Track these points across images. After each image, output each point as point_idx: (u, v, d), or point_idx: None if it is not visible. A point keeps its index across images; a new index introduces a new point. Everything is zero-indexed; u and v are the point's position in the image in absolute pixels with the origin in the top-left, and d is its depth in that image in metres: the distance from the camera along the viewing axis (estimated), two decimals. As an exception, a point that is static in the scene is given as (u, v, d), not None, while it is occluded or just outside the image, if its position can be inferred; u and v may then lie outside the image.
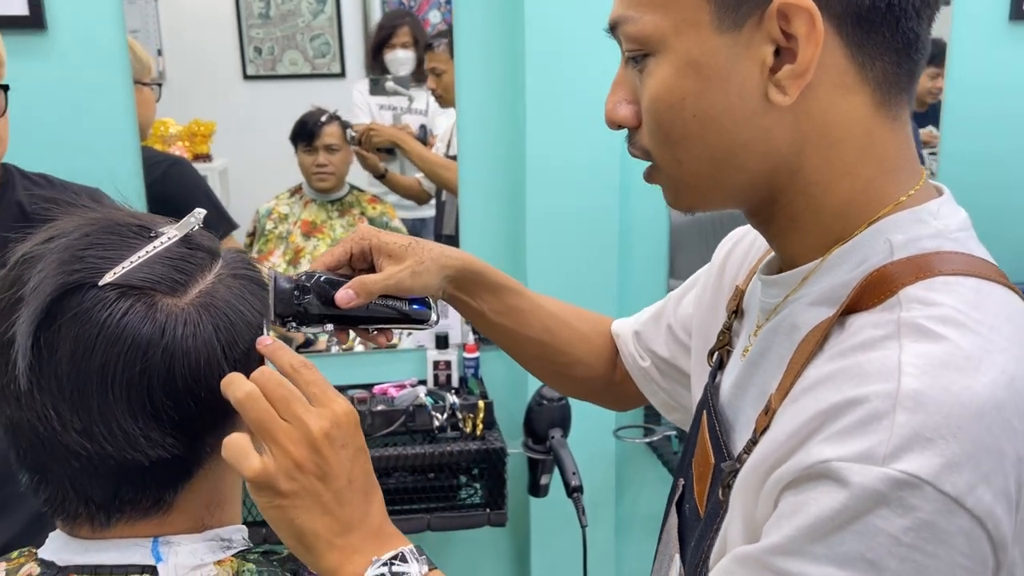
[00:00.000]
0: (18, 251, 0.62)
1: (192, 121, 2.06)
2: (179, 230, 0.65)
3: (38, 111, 1.80)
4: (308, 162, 2.13)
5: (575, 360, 0.97)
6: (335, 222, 2.23)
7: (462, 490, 1.82)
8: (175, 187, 2.04)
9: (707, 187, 0.62)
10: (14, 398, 0.59)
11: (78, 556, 0.63)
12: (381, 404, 1.88)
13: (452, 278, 0.86)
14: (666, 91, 0.59)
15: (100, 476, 0.60)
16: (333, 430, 0.60)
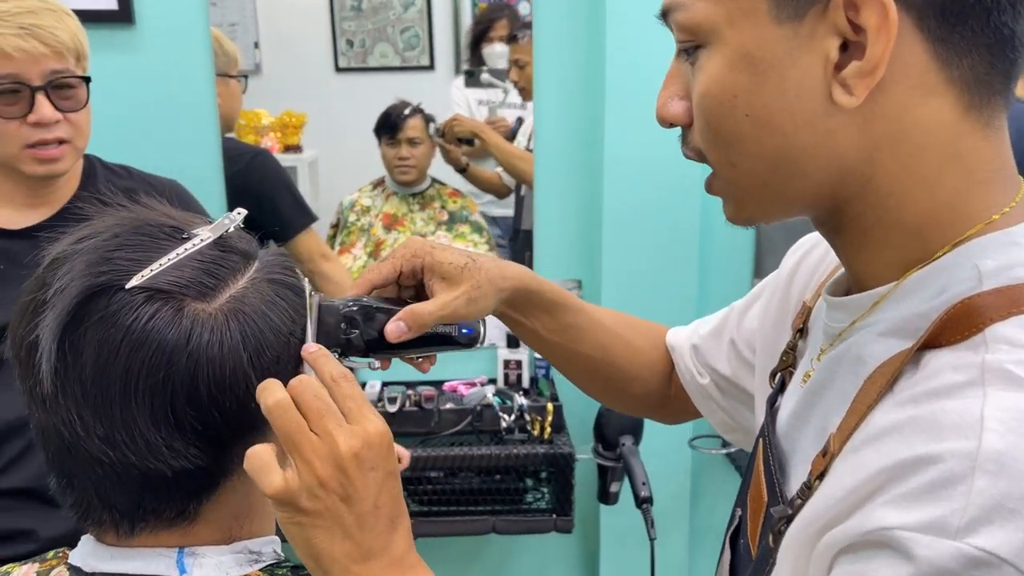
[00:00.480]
0: (52, 251, 0.61)
1: (284, 112, 2.10)
2: (213, 232, 0.63)
3: (124, 104, 1.85)
4: (391, 155, 2.13)
5: (631, 377, 0.91)
6: (416, 215, 2.23)
7: (528, 494, 1.79)
8: (257, 178, 2.07)
9: (765, 195, 0.56)
10: (40, 401, 0.58)
11: (104, 563, 0.62)
12: (450, 402, 1.85)
13: (508, 299, 0.81)
14: (717, 87, 0.53)
15: (123, 484, 0.59)
16: (363, 451, 0.56)
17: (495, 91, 2.08)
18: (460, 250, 0.77)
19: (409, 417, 1.79)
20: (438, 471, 1.74)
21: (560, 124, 1.95)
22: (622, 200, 1.87)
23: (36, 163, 1.30)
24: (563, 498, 1.75)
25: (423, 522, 1.75)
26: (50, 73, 1.27)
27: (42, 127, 1.28)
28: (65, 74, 1.29)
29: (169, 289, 0.58)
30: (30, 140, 1.28)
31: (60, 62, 1.28)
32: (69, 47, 1.28)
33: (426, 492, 1.76)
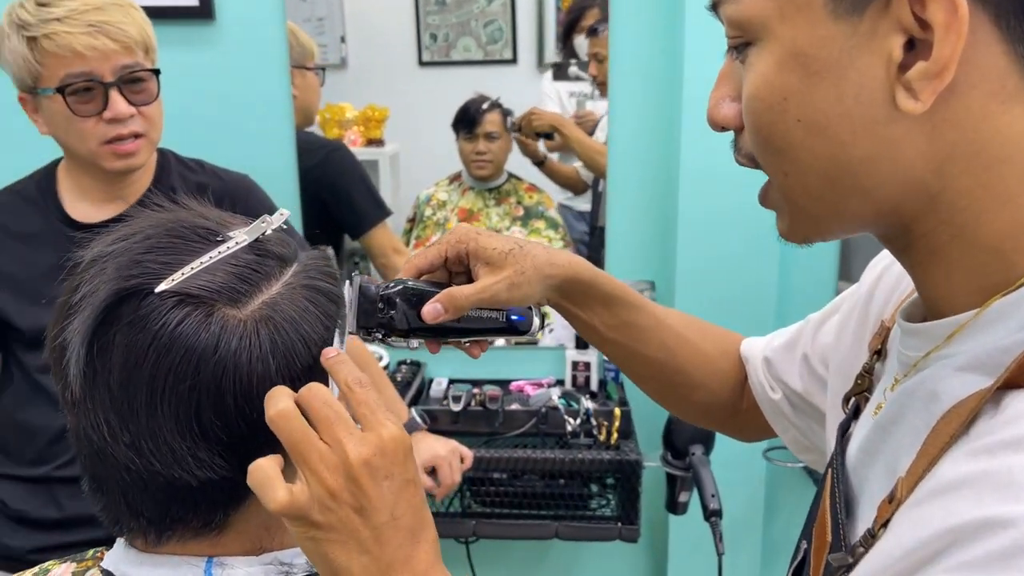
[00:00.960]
0: (88, 253, 0.60)
1: (367, 106, 2.11)
2: (248, 234, 0.61)
3: (203, 98, 1.88)
4: (468, 149, 2.12)
5: (696, 384, 0.86)
6: (491, 210, 2.21)
7: (593, 500, 1.74)
8: (334, 172, 2.09)
9: (822, 210, 0.50)
10: (71, 404, 0.57)
11: (133, 569, 0.61)
12: (516, 403, 1.82)
13: (558, 287, 0.77)
14: (766, 88, 0.48)
15: (150, 492, 0.57)
16: (375, 458, 0.53)
17: (585, 84, 2.04)
18: (508, 237, 0.75)
19: (473, 416, 1.77)
20: (501, 472, 1.71)
21: (635, 120, 1.89)
22: (698, 199, 1.80)
23: (114, 158, 1.32)
24: (629, 506, 1.70)
25: (485, 524, 1.73)
26: (121, 68, 1.28)
27: (117, 122, 1.30)
28: (135, 68, 1.30)
29: (199, 294, 0.56)
30: (107, 136, 1.30)
31: (130, 57, 1.29)
32: (137, 41, 1.30)
33: (488, 493, 1.73)
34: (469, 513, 1.75)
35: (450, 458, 1.57)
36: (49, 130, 1.34)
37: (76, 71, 1.26)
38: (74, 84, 1.26)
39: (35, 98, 1.31)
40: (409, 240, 2.20)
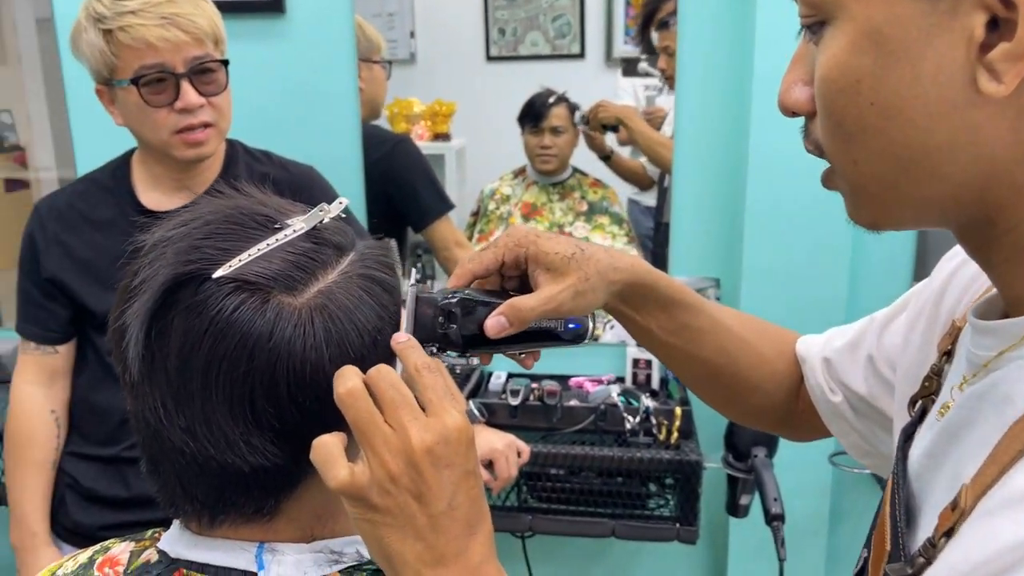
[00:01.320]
0: (150, 237, 0.61)
1: (435, 101, 2.12)
2: (306, 223, 0.61)
3: (273, 91, 1.91)
4: (533, 143, 2.12)
5: (752, 387, 0.83)
6: (555, 205, 2.20)
7: (651, 500, 1.72)
8: (399, 165, 2.10)
9: (893, 198, 0.48)
10: (130, 387, 0.58)
11: (188, 551, 0.62)
12: (574, 399, 1.81)
13: (619, 292, 0.74)
14: (838, 70, 0.46)
15: (204, 476, 0.58)
16: (438, 446, 0.52)
17: (657, 80, 2.01)
18: (567, 239, 0.71)
19: (531, 411, 1.76)
20: (559, 468, 1.69)
21: (702, 113, 1.85)
22: (766, 194, 1.75)
23: (185, 147, 1.35)
24: (688, 507, 1.67)
25: (541, 519, 1.72)
26: (192, 60, 1.31)
27: (188, 112, 1.33)
28: (205, 59, 1.33)
29: (256, 280, 0.56)
30: (178, 125, 1.33)
31: (200, 48, 1.32)
32: (208, 33, 1.32)
33: (545, 489, 1.72)
34: (525, 508, 1.75)
35: (507, 452, 1.57)
36: (124, 120, 1.38)
37: (149, 63, 1.29)
38: (147, 75, 1.29)
39: (111, 90, 1.35)
40: (472, 234, 2.20)
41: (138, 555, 0.65)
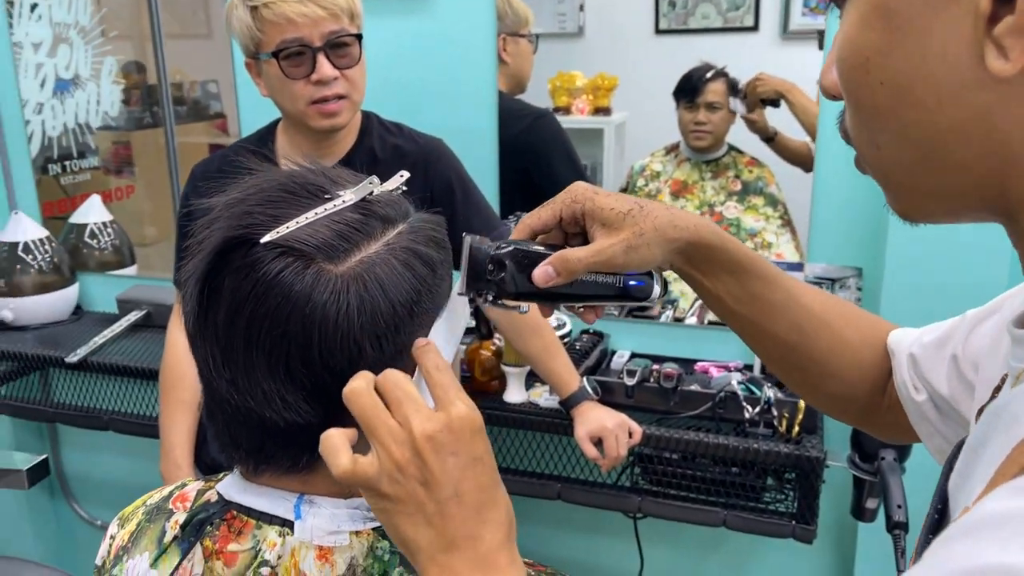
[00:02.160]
0: (216, 200, 0.65)
1: (597, 75, 2.11)
2: (355, 194, 0.63)
3: (414, 63, 1.97)
4: (687, 119, 2.06)
5: (830, 373, 0.78)
6: (707, 183, 2.14)
7: (768, 493, 1.65)
8: (538, 139, 2.11)
9: (916, 186, 0.44)
10: (189, 338, 0.63)
11: (238, 495, 0.66)
12: (695, 383, 1.76)
13: (681, 251, 0.71)
14: (849, 47, 0.43)
15: (247, 427, 0.62)
16: (440, 434, 0.54)
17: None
18: (628, 196, 0.70)
19: (646, 393, 1.73)
20: (672, 453, 1.67)
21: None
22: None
23: (320, 117, 1.43)
24: (806, 505, 1.59)
25: (652, 502, 1.70)
26: (328, 34, 1.39)
27: (323, 84, 1.40)
28: (341, 34, 1.40)
29: (299, 247, 0.59)
30: (314, 97, 1.41)
31: (336, 23, 1.39)
32: (343, 8, 1.39)
33: (657, 472, 1.70)
34: (636, 489, 1.73)
35: (617, 431, 1.56)
36: (267, 92, 1.48)
37: (289, 37, 1.37)
38: (287, 49, 1.38)
39: (257, 63, 1.44)
40: None
41: (202, 494, 0.71)
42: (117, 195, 2.52)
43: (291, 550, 0.63)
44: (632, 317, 2.02)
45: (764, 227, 2.07)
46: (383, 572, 0.63)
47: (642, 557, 1.91)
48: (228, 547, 0.65)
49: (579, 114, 2.10)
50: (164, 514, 0.71)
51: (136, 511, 0.75)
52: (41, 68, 2.39)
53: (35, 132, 2.43)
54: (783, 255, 1.97)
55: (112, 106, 2.39)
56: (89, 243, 2.42)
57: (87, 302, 2.48)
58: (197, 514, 0.68)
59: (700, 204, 2.14)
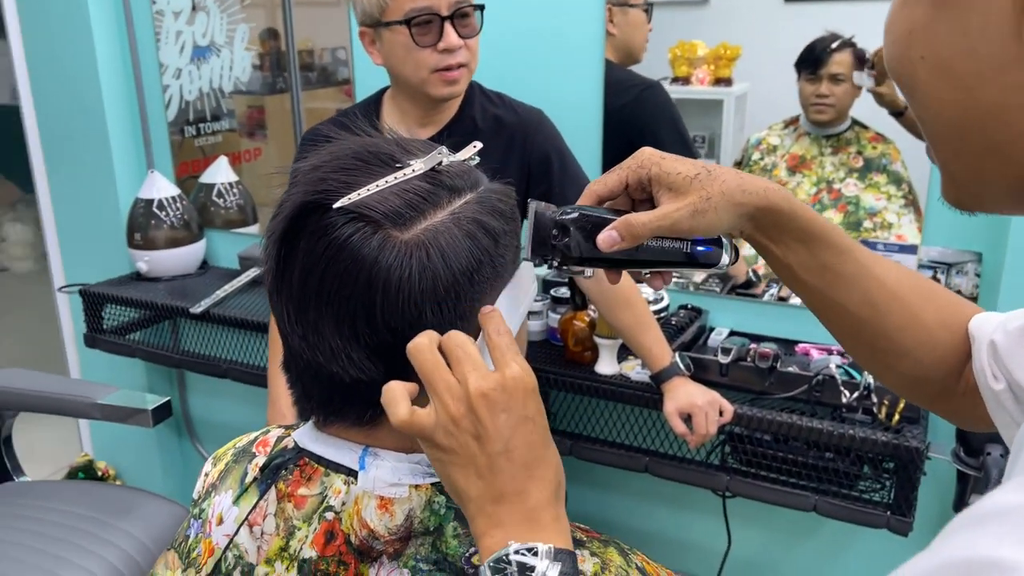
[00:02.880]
0: (301, 165, 0.69)
1: (719, 44, 2.07)
2: (425, 164, 0.66)
3: (520, 32, 1.98)
4: (808, 91, 1.98)
5: (902, 351, 0.75)
6: (826, 159, 2.07)
7: (863, 482, 1.60)
8: (645, 111, 2.09)
9: (962, 171, 0.43)
10: (269, 294, 0.68)
11: (310, 443, 0.71)
12: (794, 365, 1.72)
13: (751, 216, 0.70)
14: (895, 20, 0.43)
15: (317, 381, 0.66)
16: (493, 393, 0.57)
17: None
18: (696, 161, 0.69)
19: (741, 372, 1.71)
20: (764, 434, 1.64)
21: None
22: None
23: (442, 85, 1.48)
24: (903, 497, 1.54)
25: (741, 481, 1.68)
26: (454, 4, 1.43)
27: (448, 53, 1.45)
28: (465, 4, 1.44)
29: (369, 214, 0.62)
30: (439, 65, 1.46)
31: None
32: None
33: (746, 452, 1.68)
34: (725, 467, 1.72)
35: (707, 408, 1.55)
36: (383, 60, 1.52)
37: (420, 5, 1.42)
38: (418, 17, 1.42)
39: (375, 31, 1.49)
40: None
41: (281, 440, 0.76)
42: (246, 157, 2.66)
43: (354, 498, 0.67)
44: (734, 294, 1.98)
45: (885, 206, 1.98)
46: (438, 525, 0.67)
47: (730, 536, 1.89)
48: (299, 491, 0.69)
49: (699, 84, 2.06)
50: (248, 456, 0.77)
51: (227, 452, 0.81)
52: (180, 35, 2.53)
53: (173, 96, 2.59)
54: (905, 237, 1.88)
55: (244, 72, 2.51)
56: (216, 202, 2.57)
57: (212, 257, 2.64)
58: (274, 459, 0.73)
59: (818, 180, 2.06)
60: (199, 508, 0.77)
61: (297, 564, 0.68)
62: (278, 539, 0.69)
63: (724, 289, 2.00)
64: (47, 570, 1.66)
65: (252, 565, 0.70)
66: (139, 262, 2.47)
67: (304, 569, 0.67)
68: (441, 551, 0.66)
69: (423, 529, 0.66)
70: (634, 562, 0.69)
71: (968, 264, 1.69)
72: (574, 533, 0.69)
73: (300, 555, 0.68)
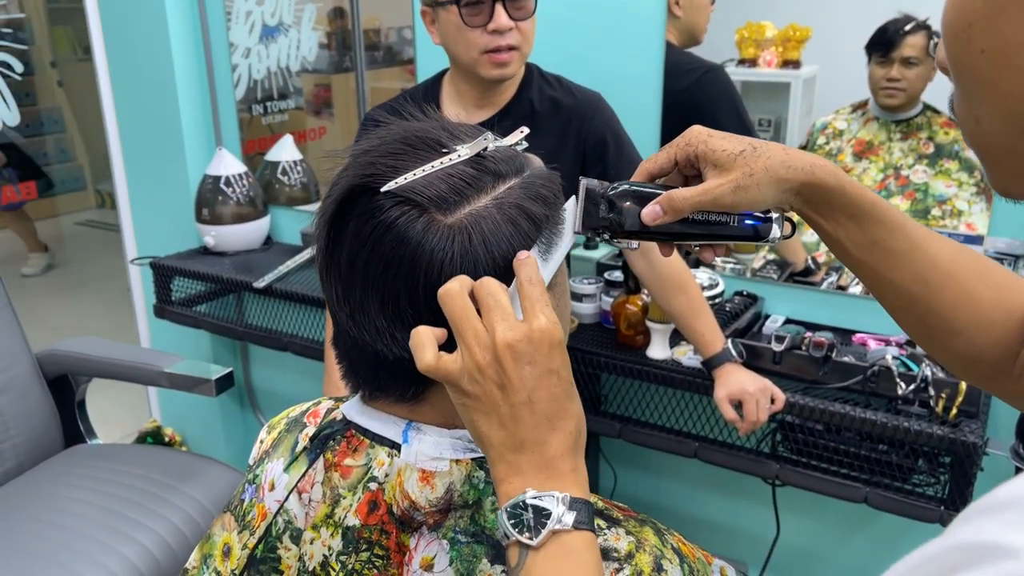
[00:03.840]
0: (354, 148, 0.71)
1: (789, 26, 2.04)
2: (470, 149, 0.67)
3: (581, 14, 1.97)
4: (879, 75, 1.93)
5: (955, 329, 0.74)
6: (894, 144, 2.02)
7: (917, 475, 1.58)
8: (705, 95, 2.07)
9: (1017, 165, 0.43)
10: (319, 273, 0.71)
11: (357, 416, 0.74)
12: (849, 354, 1.70)
13: (796, 191, 0.70)
14: (953, 14, 0.42)
15: (363, 358, 0.69)
16: (519, 344, 0.58)
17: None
18: (744, 138, 0.70)
19: (795, 360, 1.69)
20: (816, 423, 1.62)
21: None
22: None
23: (492, 66, 1.49)
24: (958, 492, 1.51)
25: (791, 471, 1.67)
26: None
27: (498, 34, 1.45)
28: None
29: (415, 198, 0.64)
30: (489, 46, 1.46)
31: None
32: None
33: (798, 441, 1.66)
34: (776, 456, 1.71)
35: (758, 396, 1.54)
36: (440, 40, 1.54)
37: None
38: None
39: (434, 10, 1.51)
40: None
41: (330, 412, 0.79)
42: (311, 135, 2.72)
43: (397, 470, 0.69)
44: (792, 282, 1.96)
45: (956, 194, 1.93)
46: (478, 499, 0.69)
47: (779, 524, 1.88)
48: (345, 461, 0.72)
49: (766, 67, 2.03)
50: (299, 426, 0.80)
51: (280, 421, 0.85)
52: (250, 15, 2.59)
53: (242, 75, 2.66)
54: (975, 225, 1.83)
55: (310, 51, 2.56)
56: (280, 179, 2.63)
57: (276, 233, 2.71)
58: (324, 429, 0.77)
59: (885, 166, 2.02)
60: (253, 474, 0.81)
61: (341, 531, 0.71)
62: (324, 506, 0.72)
63: (782, 276, 1.98)
64: (115, 529, 1.74)
65: (300, 530, 0.74)
66: (206, 236, 2.56)
67: (348, 536, 0.70)
68: (479, 524, 0.68)
69: (463, 502, 0.68)
70: (669, 542, 0.70)
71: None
72: (611, 512, 0.70)
73: (344, 522, 0.71)
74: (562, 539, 0.57)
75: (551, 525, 0.57)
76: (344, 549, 0.70)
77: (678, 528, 0.74)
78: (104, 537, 1.72)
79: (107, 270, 4.60)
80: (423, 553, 0.67)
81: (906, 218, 0.73)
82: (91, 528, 1.74)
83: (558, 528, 0.57)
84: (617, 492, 2.25)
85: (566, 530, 0.57)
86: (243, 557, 0.77)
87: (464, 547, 0.66)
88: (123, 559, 1.68)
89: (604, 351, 1.84)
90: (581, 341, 1.88)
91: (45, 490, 1.89)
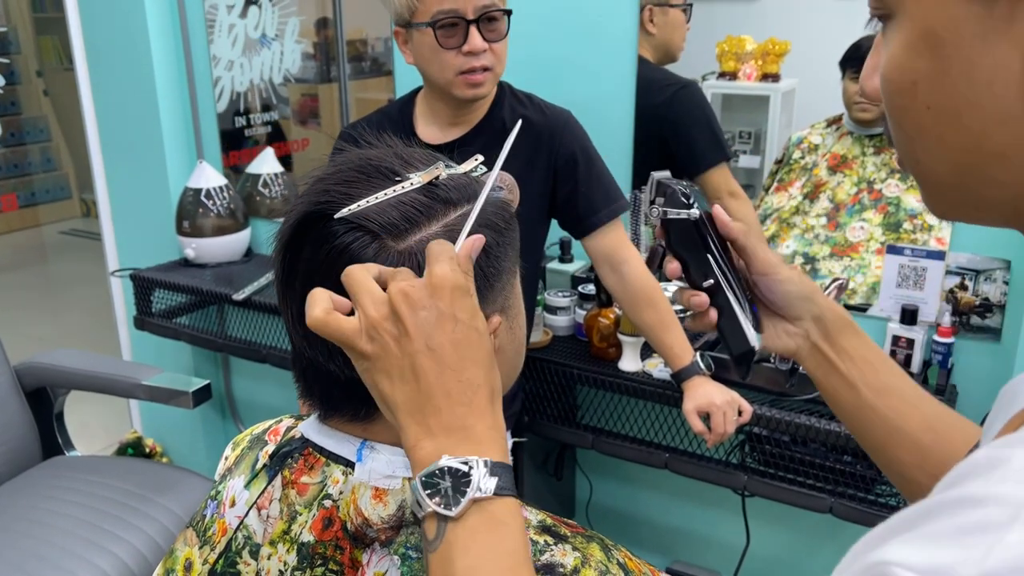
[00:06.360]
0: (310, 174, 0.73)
1: (768, 40, 2.07)
2: (422, 177, 0.70)
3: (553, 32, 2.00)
4: (852, 90, 1.97)
5: (908, 479, 0.78)
6: (868, 159, 2.06)
7: (880, 486, 1.61)
8: (679, 111, 2.10)
9: (956, 199, 0.46)
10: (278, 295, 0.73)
11: (314, 435, 0.76)
12: (816, 368, 1.73)
13: (820, 318, 0.74)
14: (896, 70, 0.45)
15: (318, 377, 0.71)
16: (413, 290, 0.56)
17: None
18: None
19: (762, 373, 1.72)
20: (783, 435, 1.65)
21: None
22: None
23: (466, 87, 1.51)
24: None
25: (758, 481, 1.70)
26: (481, 8, 1.46)
27: (472, 55, 1.48)
28: (492, 8, 1.47)
29: (368, 225, 0.66)
30: (463, 67, 1.49)
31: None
32: None
33: (764, 452, 1.69)
34: (744, 467, 1.73)
35: (725, 408, 1.57)
36: (414, 60, 1.57)
37: (446, 8, 1.46)
38: (443, 20, 1.46)
39: (407, 31, 1.54)
40: (772, 182, 2.13)
41: (290, 431, 0.81)
42: (294, 147, 2.74)
43: (352, 488, 0.72)
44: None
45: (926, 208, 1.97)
46: (429, 515, 0.71)
47: (748, 534, 1.91)
48: (301, 479, 0.75)
49: (746, 80, 2.06)
50: (261, 444, 0.82)
51: (244, 438, 0.87)
52: (233, 28, 2.61)
53: (225, 88, 2.68)
54: (944, 240, 1.87)
55: (294, 64, 2.58)
56: (261, 191, 2.65)
57: (257, 246, 2.73)
58: (283, 447, 0.79)
59: (859, 180, 2.05)
60: (216, 490, 0.83)
61: (297, 547, 0.73)
62: (281, 523, 0.74)
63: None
64: (90, 540, 1.76)
65: (259, 545, 0.76)
66: (187, 249, 2.57)
67: (303, 552, 0.72)
68: (430, 540, 0.70)
69: (414, 519, 0.71)
70: (616, 558, 0.72)
71: (996, 272, 1.68)
72: (559, 528, 0.72)
73: (300, 538, 0.73)
74: (484, 507, 0.53)
75: (471, 493, 0.53)
76: (299, 565, 0.72)
77: (654, 537, 0.77)
78: (78, 549, 1.73)
79: (92, 279, 4.60)
80: (375, 568, 0.70)
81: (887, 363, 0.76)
82: (65, 539, 1.75)
83: (479, 496, 0.53)
84: (593, 502, 2.27)
85: (487, 497, 0.54)
86: (204, 572, 0.79)
87: (415, 562, 0.69)
88: (97, 570, 1.69)
89: (577, 363, 1.86)
90: (555, 353, 1.90)
91: (21, 502, 1.90)
